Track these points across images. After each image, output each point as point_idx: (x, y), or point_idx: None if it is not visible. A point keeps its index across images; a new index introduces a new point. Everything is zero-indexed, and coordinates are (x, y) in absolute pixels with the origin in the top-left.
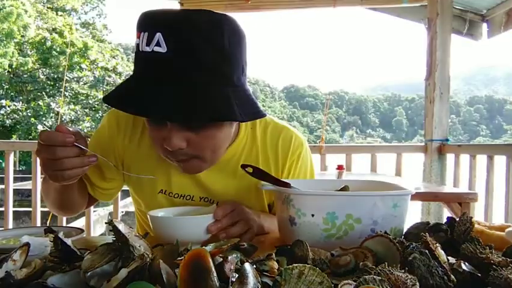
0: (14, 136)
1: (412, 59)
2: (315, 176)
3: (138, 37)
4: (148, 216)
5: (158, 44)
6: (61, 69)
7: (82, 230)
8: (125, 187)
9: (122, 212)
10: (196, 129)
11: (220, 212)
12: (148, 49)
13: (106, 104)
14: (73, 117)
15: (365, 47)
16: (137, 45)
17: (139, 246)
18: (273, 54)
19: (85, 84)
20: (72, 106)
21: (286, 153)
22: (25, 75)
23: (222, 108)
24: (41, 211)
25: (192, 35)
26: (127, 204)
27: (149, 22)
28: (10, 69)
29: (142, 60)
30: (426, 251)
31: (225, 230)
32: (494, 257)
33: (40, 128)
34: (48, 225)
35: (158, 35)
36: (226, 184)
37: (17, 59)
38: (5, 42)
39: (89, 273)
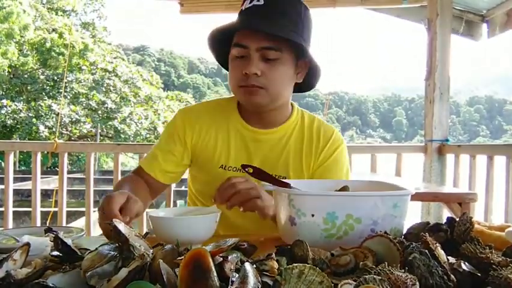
0: (15, 136)
1: (412, 59)
2: (348, 174)
3: (243, 3)
4: (149, 216)
5: (257, 1)
6: (61, 70)
7: (82, 230)
8: None
9: None
10: (269, 62)
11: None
12: (249, 5)
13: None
14: (73, 118)
15: (365, 47)
16: (241, 10)
17: (139, 246)
18: None
19: (84, 85)
20: (72, 107)
21: (325, 144)
22: (25, 76)
23: (292, 36)
24: (41, 211)
25: None
26: None
27: None
28: (10, 70)
29: (242, 14)
30: (426, 251)
31: (228, 203)
32: (494, 256)
33: (42, 128)
34: (48, 225)
35: None
36: (275, 159)
37: (17, 58)
38: (5, 42)
39: (89, 273)
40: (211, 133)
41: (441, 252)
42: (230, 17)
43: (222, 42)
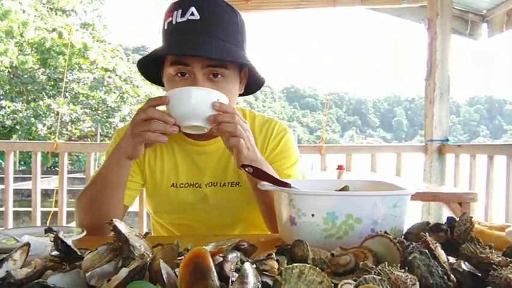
0: (14, 136)
1: (412, 59)
2: (298, 161)
3: (171, 15)
4: (167, 93)
5: (192, 14)
6: (61, 69)
7: (82, 230)
8: None
9: None
10: (215, 81)
11: (225, 108)
12: (183, 19)
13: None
14: (73, 118)
15: (365, 47)
16: (169, 22)
17: (139, 245)
18: (272, 55)
19: (84, 84)
20: (72, 106)
21: (269, 137)
22: (25, 76)
23: (239, 55)
24: (41, 211)
25: (216, 8)
26: None
27: (183, 1)
28: (10, 70)
29: (175, 29)
30: (426, 251)
31: (220, 123)
32: (494, 256)
33: (40, 127)
34: (48, 225)
35: (192, 9)
36: (224, 168)
37: (17, 57)
38: (4, 40)
39: (89, 273)
40: (156, 152)
41: (441, 252)
42: None
43: (151, 61)
